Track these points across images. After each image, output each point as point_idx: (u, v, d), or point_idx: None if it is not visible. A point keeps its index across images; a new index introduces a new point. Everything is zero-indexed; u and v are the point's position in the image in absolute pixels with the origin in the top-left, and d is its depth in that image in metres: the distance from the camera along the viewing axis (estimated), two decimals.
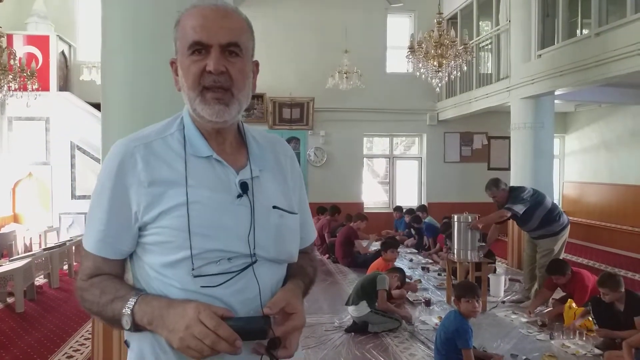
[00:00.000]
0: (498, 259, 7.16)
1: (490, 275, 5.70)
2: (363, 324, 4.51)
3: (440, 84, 6.89)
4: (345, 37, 9.43)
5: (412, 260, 7.81)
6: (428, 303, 5.37)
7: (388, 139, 11.21)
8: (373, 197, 11.15)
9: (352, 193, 10.38)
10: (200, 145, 1.09)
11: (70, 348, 4.21)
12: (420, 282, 6.32)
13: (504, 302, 5.51)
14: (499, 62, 8.35)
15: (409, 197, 11.05)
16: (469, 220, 5.17)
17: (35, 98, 7.67)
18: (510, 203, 5.23)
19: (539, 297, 5.11)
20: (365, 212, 9.40)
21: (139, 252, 1.09)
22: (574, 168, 10.76)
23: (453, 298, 3.74)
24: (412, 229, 9.08)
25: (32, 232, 8.33)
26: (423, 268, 7.20)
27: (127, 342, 1.12)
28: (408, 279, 5.93)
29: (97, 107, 7.94)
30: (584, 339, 4.26)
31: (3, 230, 8.00)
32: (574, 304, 4.66)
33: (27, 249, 7.82)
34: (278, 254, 1.11)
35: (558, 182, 10.63)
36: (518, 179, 7.25)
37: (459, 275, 5.21)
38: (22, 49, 8.59)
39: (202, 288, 1.02)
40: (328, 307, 5.29)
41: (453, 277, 5.50)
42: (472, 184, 9.80)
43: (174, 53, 1.14)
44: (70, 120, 8.95)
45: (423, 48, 6.41)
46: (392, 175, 11.13)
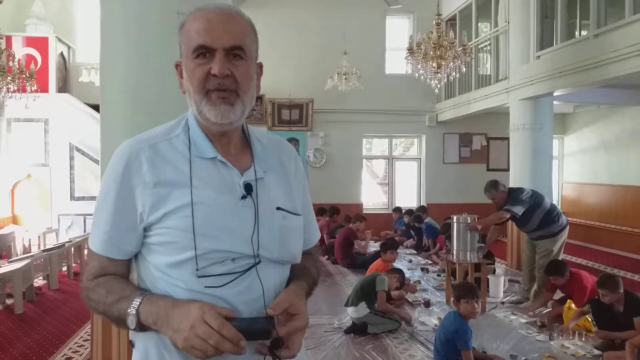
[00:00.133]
0: (497, 260, 7.17)
1: (490, 276, 5.70)
2: (362, 325, 4.51)
3: (439, 85, 6.90)
4: (345, 38, 9.44)
5: (411, 261, 7.81)
6: (427, 304, 5.37)
7: (387, 140, 11.21)
8: (372, 198, 11.15)
9: (351, 194, 10.39)
10: (205, 147, 1.10)
11: (69, 349, 4.20)
12: (420, 283, 6.32)
13: (504, 303, 5.51)
14: (498, 63, 8.36)
15: (408, 198, 11.05)
16: (468, 221, 5.18)
17: (34, 99, 7.68)
18: (509, 204, 5.23)
19: (540, 299, 5.12)
20: (365, 213, 9.40)
21: (144, 252, 1.10)
22: (573, 169, 10.77)
23: (452, 299, 3.74)
24: (411, 230, 9.08)
25: (31, 233, 8.33)
26: (422, 269, 7.21)
27: (132, 341, 1.13)
28: (407, 280, 5.94)
29: (96, 108, 7.93)
30: (583, 340, 4.26)
31: (2, 232, 8.00)
32: (573, 305, 4.66)
33: (26, 251, 7.82)
34: (282, 255, 1.12)
35: (557, 183, 10.64)
36: (517, 180, 7.26)
37: (458, 276, 5.21)
38: (21, 51, 8.60)
39: (206, 288, 1.03)
40: (327, 308, 5.29)
41: (452, 278, 5.50)
42: (471, 185, 9.81)
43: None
44: (69, 122, 8.95)
45: (422, 49, 6.41)
46: (391, 176, 11.14)
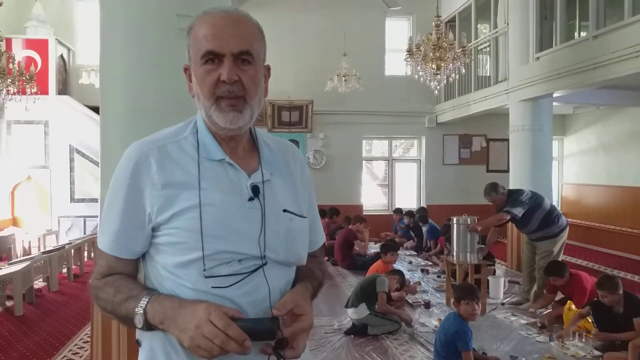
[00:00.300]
0: (497, 261, 7.17)
1: (490, 278, 5.70)
2: (362, 327, 4.51)
3: (439, 87, 6.91)
4: (344, 40, 9.45)
5: (411, 263, 7.81)
6: (427, 305, 5.37)
7: (387, 142, 11.21)
8: (372, 199, 11.15)
9: (351, 195, 10.39)
10: (213, 149, 1.11)
11: (69, 351, 4.20)
12: (420, 284, 6.32)
13: (504, 304, 5.51)
14: (497, 64, 8.37)
15: (408, 199, 11.04)
16: (468, 223, 5.18)
17: (34, 102, 7.68)
18: (509, 206, 5.23)
19: (541, 300, 5.12)
20: (365, 214, 9.39)
21: (152, 252, 1.11)
22: (573, 170, 10.77)
23: (452, 300, 3.75)
24: (411, 231, 9.08)
25: (31, 235, 8.32)
26: (422, 270, 7.21)
27: (138, 341, 1.14)
28: (407, 282, 5.94)
29: (96, 110, 7.92)
30: (584, 341, 4.26)
31: (2, 234, 8.00)
32: (574, 306, 4.66)
33: (26, 252, 7.81)
34: (287, 257, 1.13)
35: (557, 184, 10.64)
36: (517, 181, 7.26)
37: (459, 278, 5.21)
38: (21, 53, 8.61)
39: (213, 288, 1.04)
40: (327, 309, 5.29)
41: (452, 279, 5.50)
42: (471, 186, 9.81)
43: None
44: (69, 124, 8.96)
45: (421, 51, 6.43)
46: (391, 178, 11.14)
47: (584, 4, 6.21)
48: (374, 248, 8.18)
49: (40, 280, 6.33)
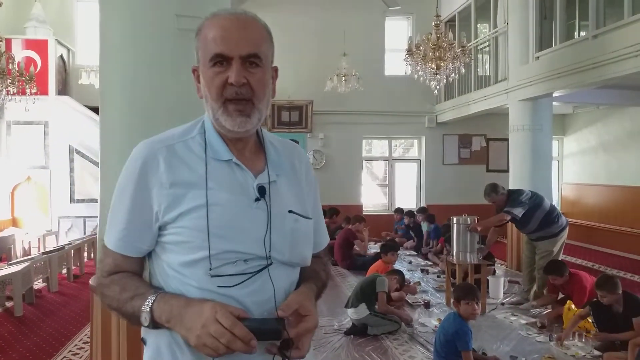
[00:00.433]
0: (497, 261, 7.17)
1: (490, 277, 5.70)
2: (362, 327, 4.51)
3: (439, 87, 6.91)
4: (344, 40, 9.45)
5: (411, 263, 7.81)
6: (427, 305, 5.36)
7: (387, 142, 11.22)
8: (372, 199, 11.15)
9: (351, 195, 10.38)
10: (221, 149, 1.12)
11: (69, 352, 4.20)
12: (420, 284, 6.32)
13: (503, 304, 5.51)
14: (497, 64, 8.37)
15: (408, 199, 11.04)
16: (468, 223, 5.18)
17: (34, 102, 7.68)
18: (509, 206, 5.23)
19: (545, 298, 5.13)
20: (365, 214, 9.39)
21: (158, 250, 1.12)
22: (573, 170, 10.77)
23: (452, 300, 3.74)
24: (411, 231, 9.08)
25: (30, 236, 8.32)
26: (422, 270, 7.21)
27: (143, 339, 1.15)
28: (407, 282, 5.94)
29: (95, 110, 7.93)
30: (583, 341, 4.26)
31: (2, 234, 8.00)
32: (573, 306, 4.66)
33: (25, 253, 7.81)
34: (292, 257, 1.14)
35: (557, 183, 10.64)
36: (517, 181, 7.26)
37: (458, 278, 5.21)
38: (20, 53, 8.61)
39: (218, 288, 1.05)
40: (327, 309, 5.28)
41: (452, 279, 5.50)
42: (470, 186, 9.80)
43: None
44: (69, 124, 8.96)
45: (421, 51, 6.42)
46: (391, 178, 11.14)
47: (584, 4, 6.21)
48: (374, 248, 8.18)
49: (40, 281, 6.33)
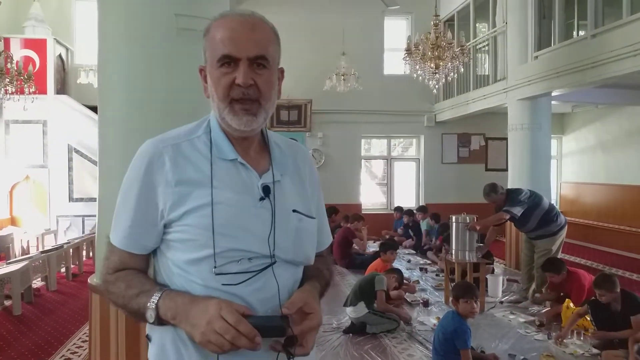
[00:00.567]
0: (496, 260, 7.18)
1: (488, 276, 5.71)
2: (361, 325, 4.52)
3: (437, 86, 6.91)
4: (343, 39, 9.44)
5: (410, 261, 7.81)
6: (426, 304, 5.37)
7: (386, 141, 11.22)
8: (371, 198, 11.15)
9: (350, 194, 10.39)
10: (226, 149, 1.13)
11: (68, 351, 4.20)
12: (419, 282, 6.33)
13: (502, 302, 5.52)
14: (496, 63, 8.38)
15: (407, 198, 11.05)
16: (467, 221, 5.18)
17: (33, 101, 7.67)
18: (508, 205, 5.24)
19: (545, 295, 5.15)
20: (364, 213, 9.41)
21: (163, 248, 1.13)
22: (571, 169, 10.79)
23: (451, 299, 3.75)
24: (410, 230, 9.09)
25: (29, 234, 8.32)
26: (421, 269, 7.21)
27: (148, 336, 1.16)
28: (406, 280, 5.95)
29: (94, 109, 7.92)
30: (582, 339, 4.27)
31: (0, 233, 7.99)
32: (572, 304, 4.67)
33: (24, 252, 7.81)
34: (296, 256, 1.15)
35: (555, 182, 10.65)
36: (516, 180, 7.27)
37: (457, 276, 5.22)
38: (19, 53, 8.59)
39: (223, 285, 1.06)
40: (326, 308, 5.28)
41: (451, 277, 5.51)
42: (469, 185, 9.81)
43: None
44: (68, 123, 8.95)
45: (420, 50, 6.42)
46: (390, 177, 11.15)
47: (583, 3, 6.22)
48: (373, 247, 8.19)
49: (39, 280, 6.32)
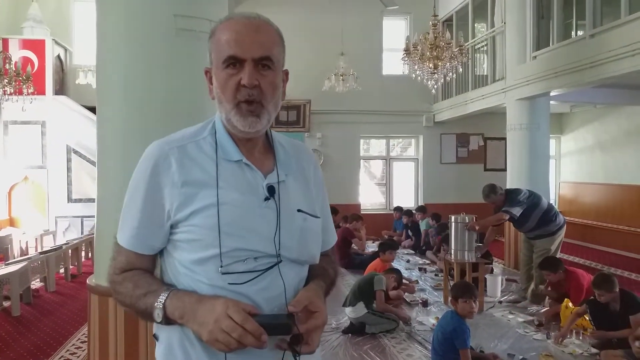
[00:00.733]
0: (495, 260, 7.19)
1: (487, 276, 5.71)
2: (360, 325, 4.51)
3: (436, 86, 6.91)
4: (342, 39, 9.44)
5: (409, 261, 7.82)
6: (425, 304, 5.37)
7: (384, 141, 11.22)
8: (370, 198, 11.16)
9: (349, 194, 10.39)
10: (231, 150, 1.14)
11: (67, 352, 4.19)
12: (418, 282, 6.34)
13: (501, 302, 5.52)
14: (495, 63, 8.39)
15: (406, 198, 11.06)
16: (466, 221, 5.19)
17: (31, 102, 7.67)
18: (507, 206, 5.25)
19: (545, 292, 5.15)
20: (363, 213, 9.41)
21: (170, 248, 1.15)
22: (570, 168, 10.80)
23: (450, 298, 3.75)
24: (409, 230, 9.09)
25: (28, 235, 8.30)
26: (420, 269, 7.22)
27: (155, 335, 1.17)
28: (405, 280, 5.95)
29: (93, 110, 7.89)
30: (581, 339, 4.27)
31: None
32: (570, 304, 4.67)
33: (23, 253, 7.78)
34: (301, 255, 1.16)
35: (554, 182, 10.67)
36: (514, 180, 7.28)
37: (456, 276, 5.22)
38: (17, 53, 8.58)
39: (229, 285, 1.07)
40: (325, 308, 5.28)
41: (450, 277, 5.51)
42: (468, 185, 9.82)
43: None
44: (66, 124, 8.94)
45: (418, 50, 6.42)
46: (388, 177, 11.15)
47: (581, 3, 6.22)
48: (372, 247, 8.19)
49: (38, 281, 6.31)
